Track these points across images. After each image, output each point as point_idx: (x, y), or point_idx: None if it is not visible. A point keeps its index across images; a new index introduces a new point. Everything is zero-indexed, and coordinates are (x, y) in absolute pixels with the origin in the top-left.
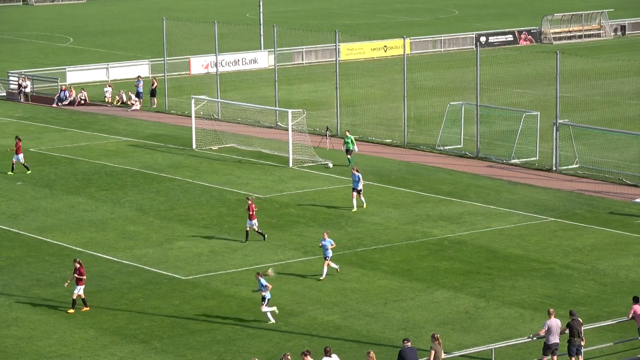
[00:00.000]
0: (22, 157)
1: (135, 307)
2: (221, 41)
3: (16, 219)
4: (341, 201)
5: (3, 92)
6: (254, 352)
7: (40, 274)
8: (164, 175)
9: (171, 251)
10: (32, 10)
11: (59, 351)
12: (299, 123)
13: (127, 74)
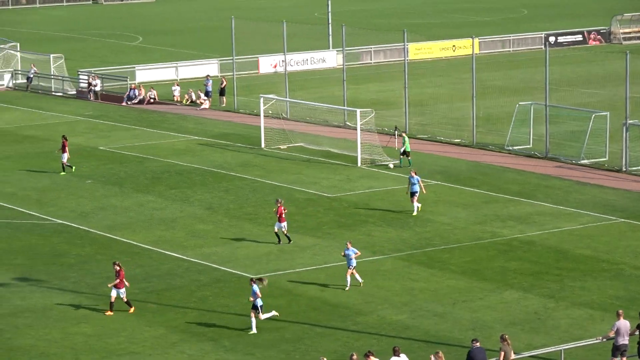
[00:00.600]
0: (66, 156)
1: (205, 305)
2: (290, 40)
3: (86, 217)
4: (409, 201)
5: (73, 90)
6: (322, 351)
7: (109, 271)
8: (233, 174)
9: (240, 250)
10: (102, 9)
11: (129, 349)
12: (368, 122)
13: (196, 73)
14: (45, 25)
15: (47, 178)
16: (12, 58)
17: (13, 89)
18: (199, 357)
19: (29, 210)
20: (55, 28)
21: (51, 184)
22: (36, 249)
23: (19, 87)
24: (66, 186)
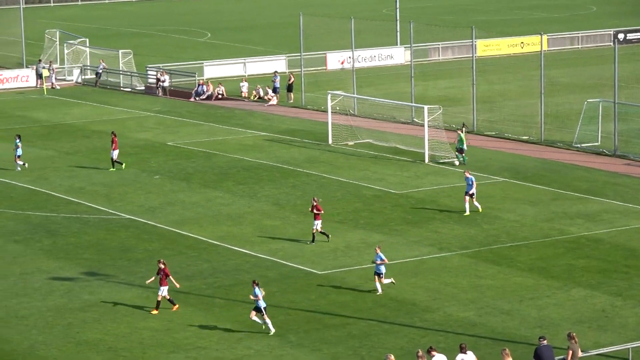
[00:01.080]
0: (116, 153)
1: (272, 301)
2: (357, 37)
3: (154, 212)
4: (477, 198)
5: (141, 86)
6: (389, 348)
7: (176, 266)
8: (300, 170)
9: (307, 246)
10: (171, 5)
11: (196, 343)
12: (435, 119)
13: (264, 69)
14: (114, 21)
15: (116, 173)
16: (81, 54)
17: (82, 85)
18: (266, 353)
19: (98, 205)
20: (124, 23)
21: (119, 179)
22: (104, 244)
23: (88, 83)
24: (134, 181)
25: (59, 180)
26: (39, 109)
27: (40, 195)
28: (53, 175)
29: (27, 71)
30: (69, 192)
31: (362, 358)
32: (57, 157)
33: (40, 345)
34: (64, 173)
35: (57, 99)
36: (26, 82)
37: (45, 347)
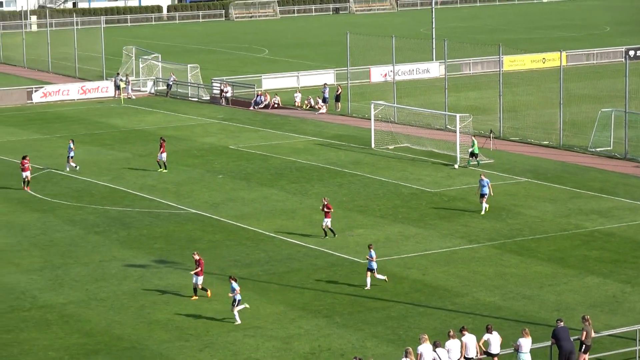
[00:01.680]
0: (165, 156)
1: (320, 286)
2: (398, 53)
3: (217, 207)
4: (503, 196)
5: (207, 96)
6: (424, 328)
7: (237, 255)
8: (346, 171)
9: (351, 238)
10: (233, 25)
11: (253, 323)
12: (466, 126)
13: (315, 81)
14: (183, 39)
15: (184, 173)
16: (154, 67)
17: (155, 95)
18: (315, 332)
19: (167, 201)
20: (192, 41)
21: (187, 178)
22: (173, 235)
23: (160, 93)
24: (200, 180)
25: (133, 179)
26: (117, 116)
27: (117, 193)
28: (129, 174)
29: (107, 83)
30: (142, 189)
31: (399, 337)
32: (132, 159)
33: (116, 324)
34: (138, 173)
35: (133, 107)
36: (106, 92)
37: (120, 326)
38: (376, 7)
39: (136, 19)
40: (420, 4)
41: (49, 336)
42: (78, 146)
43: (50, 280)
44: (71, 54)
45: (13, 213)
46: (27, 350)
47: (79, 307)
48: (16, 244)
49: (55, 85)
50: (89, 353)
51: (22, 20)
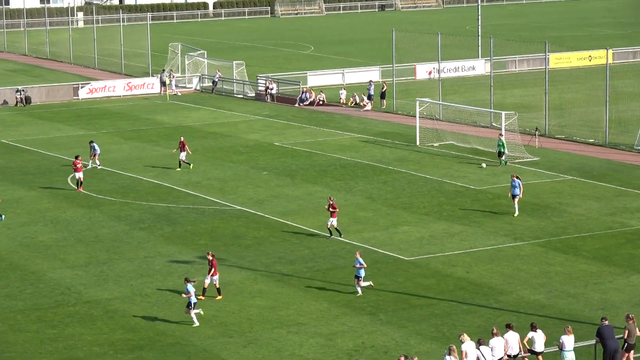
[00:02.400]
0: (184, 155)
1: None
2: (443, 50)
3: (262, 204)
4: (548, 193)
5: (252, 93)
6: (468, 326)
7: (281, 252)
8: (391, 168)
9: (396, 235)
10: (279, 22)
11: (297, 320)
12: (511, 124)
13: (360, 78)
14: (229, 35)
15: (229, 169)
16: (200, 64)
17: (200, 91)
18: (358, 329)
19: (212, 198)
20: (237, 38)
21: (232, 174)
22: (218, 231)
23: (206, 90)
24: (245, 177)
25: (178, 175)
26: (163, 112)
27: (162, 189)
28: (174, 171)
29: (153, 79)
30: (187, 185)
31: (443, 334)
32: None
33: (160, 320)
34: (183, 169)
35: (178, 104)
36: (151, 89)
37: (164, 322)
38: (422, 4)
39: (182, 16)
40: (466, 0)
41: (93, 331)
42: (123, 142)
43: (95, 275)
44: (117, 51)
45: (59, 209)
46: (72, 345)
47: (123, 302)
48: (62, 239)
49: (102, 82)
50: (133, 348)
51: (68, 17)
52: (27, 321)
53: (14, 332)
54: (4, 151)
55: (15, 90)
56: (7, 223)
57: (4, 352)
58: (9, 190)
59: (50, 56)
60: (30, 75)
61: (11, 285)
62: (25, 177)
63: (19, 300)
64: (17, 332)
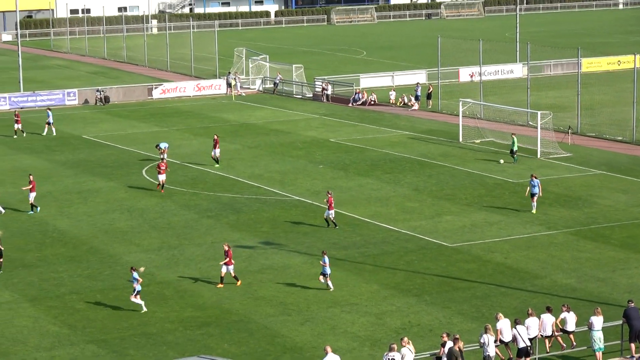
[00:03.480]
0: (218, 151)
1: (411, 268)
2: (484, 55)
3: (318, 194)
4: (579, 186)
5: (310, 94)
6: (505, 307)
7: (335, 239)
8: (436, 163)
9: (440, 223)
10: (334, 29)
11: (349, 300)
12: (546, 122)
13: (408, 80)
14: (289, 41)
15: (289, 163)
16: (262, 67)
17: (263, 92)
18: (405, 309)
19: (273, 189)
20: (297, 43)
21: (291, 168)
22: (278, 220)
23: (267, 91)
24: (303, 170)
25: (243, 168)
26: (229, 111)
27: (228, 180)
28: (239, 164)
29: (219, 81)
30: (251, 177)
31: (483, 315)
32: (242, 150)
33: (226, 299)
34: (247, 162)
35: (243, 103)
36: (218, 90)
37: (229, 302)
38: (465, 12)
39: (247, 23)
40: (505, 10)
41: (165, 309)
42: (193, 138)
43: (167, 259)
44: (187, 55)
45: (134, 198)
46: (145, 322)
47: (192, 283)
48: (137, 226)
49: (173, 83)
50: (201, 325)
51: (144, 24)
52: (105, 300)
53: (93, 310)
54: (85, 146)
55: (95, 90)
56: (87, 211)
57: (85, 327)
58: (90, 182)
59: (127, 60)
60: (109, 77)
61: (91, 267)
62: (104, 170)
63: (99, 281)
64: (96, 309)
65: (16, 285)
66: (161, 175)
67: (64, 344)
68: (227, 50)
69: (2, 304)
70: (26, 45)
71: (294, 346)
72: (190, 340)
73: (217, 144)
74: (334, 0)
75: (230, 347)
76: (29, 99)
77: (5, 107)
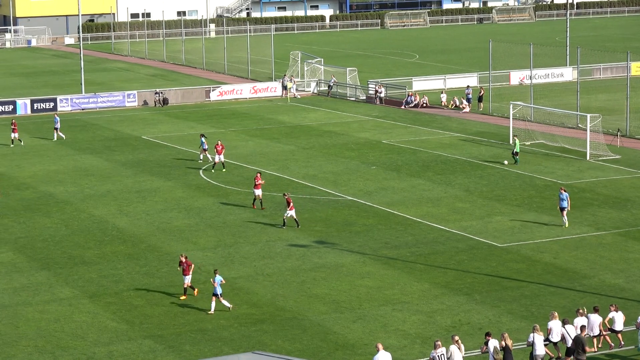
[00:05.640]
0: (221, 157)
1: (461, 267)
2: (535, 59)
3: (370, 195)
4: (628, 188)
5: (363, 96)
6: (554, 306)
7: (387, 238)
8: (486, 164)
9: (490, 224)
10: (387, 33)
11: (401, 299)
12: (595, 125)
13: (460, 83)
14: (343, 45)
15: (342, 164)
16: (317, 70)
17: (317, 95)
18: (455, 308)
19: (327, 189)
20: (351, 47)
21: (345, 168)
22: (331, 219)
23: (322, 93)
24: (356, 171)
25: (297, 169)
26: (284, 113)
27: (282, 181)
28: (293, 165)
29: (275, 84)
30: (305, 178)
31: (532, 314)
32: (297, 151)
33: (280, 297)
34: (301, 163)
35: (298, 105)
36: (274, 92)
37: (283, 299)
38: (516, 17)
39: (302, 27)
40: (556, 14)
41: (220, 306)
42: (249, 139)
43: (222, 257)
44: (244, 58)
45: (192, 198)
46: (201, 318)
47: (247, 281)
48: (194, 224)
49: (230, 85)
50: (255, 322)
51: (202, 28)
52: (162, 296)
53: (151, 306)
54: (144, 146)
55: (155, 92)
56: (146, 209)
57: (142, 323)
58: (148, 181)
59: (185, 62)
60: (168, 79)
61: (149, 265)
62: (162, 170)
63: (156, 278)
64: (153, 306)
65: (76, 281)
66: (257, 190)
67: (122, 339)
68: (282, 53)
69: (62, 300)
70: (88, 49)
71: (346, 343)
72: (245, 336)
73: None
74: (388, 5)
75: (284, 344)
76: (90, 100)
77: (67, 108)
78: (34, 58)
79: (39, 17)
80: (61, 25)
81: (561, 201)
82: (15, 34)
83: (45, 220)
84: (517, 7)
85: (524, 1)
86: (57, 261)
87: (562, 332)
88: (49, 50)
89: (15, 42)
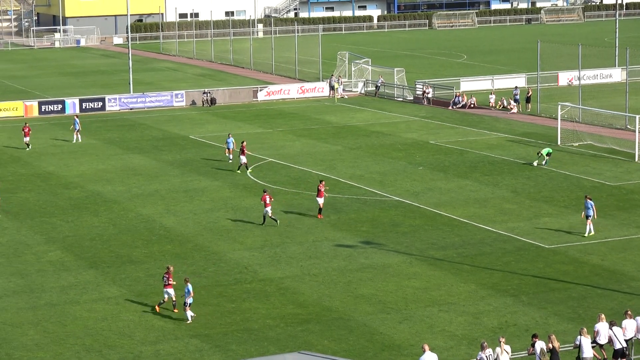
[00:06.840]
0: (244, 158)
1: (508, 268)
2: (583, 60)
3: (417, 195)
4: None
5: (410, 96)
6: (601, 308)
7: (434, 239)
8: (534, 165)
9: (537, 225)
10: (435, 33)
11: (447, 300)
12: None
13: (507, 84)
14: (391, 45)
15: (389, 164)
16: (364, 70)
17: (365, 95)
18: (502, 309)
19: (373, 189)
20: (398, 47)
21: (391, 169)
22: (378, 219)
23: (369, 93)
24: (403, 171)
25: (344, 169)
26: (331, 113)
27: (329, 181)
28: (340, 165)
29: (323, 84)
30: (351, 178)
31: (579, 316)
32: (344, 151)
33: (326, 297)
34: (348, 163)
35: (345, 106)
36: (321, 92)
37: (329, 299)
38: (565, 18)
39: (350, 27)
40: (605, 15)
41: (267, 306)
42: (296, 139)
43: (269, 257)
44: (292, 58)
45: (239, 197)
46: (248, 317)
47: (294, 281)
48: (241, 224)
49: (278, 85)
50: (302, 322)
51: (250, 28)
52: (209, 296)
53: (197, 306)
54: (192, 146)
55: (202, 92)
56: (193, 209)
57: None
58: (196, 181)
59: (233, 62)
60: (216, 79)
61: (196, 264)
62: (209, 170)
63: (203, 278)
64: (200, 305)
65: (123, 280)
66: (320, 199)
67: (169, 338)
68: (330, 53)
69: (109, 299)
70: (136, 48)
71: (392, 344)
72: (291, 336)
73: (245, 150)
74: (436, 6)
75: (330, 344)
76: (138, 100)
77: (115, 107)
78: (82, 58)
79: (88, 17)
80: (110, 25)
81: (587, 209)
82: (64, 34)
83: (93, 219)
84: (565, 7)
85: (572, 1)
86: (104, 260)
87: (609, 335)
88: (98, 50)
89: (64, 42)
